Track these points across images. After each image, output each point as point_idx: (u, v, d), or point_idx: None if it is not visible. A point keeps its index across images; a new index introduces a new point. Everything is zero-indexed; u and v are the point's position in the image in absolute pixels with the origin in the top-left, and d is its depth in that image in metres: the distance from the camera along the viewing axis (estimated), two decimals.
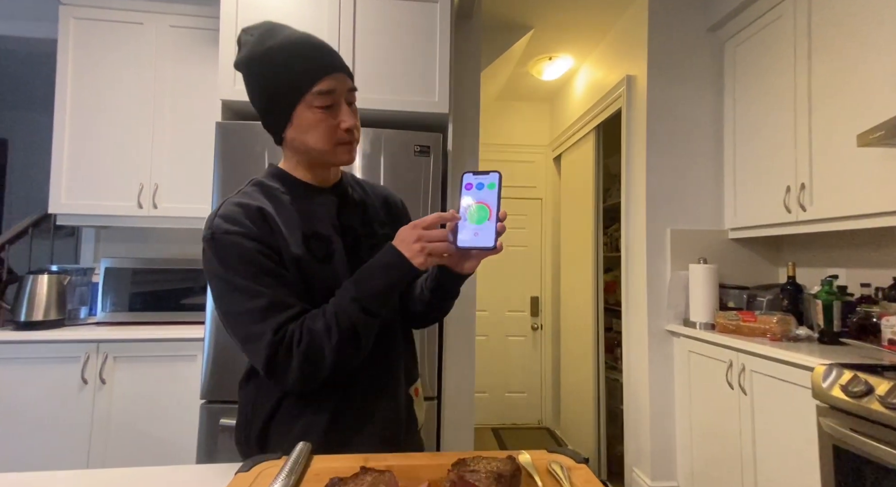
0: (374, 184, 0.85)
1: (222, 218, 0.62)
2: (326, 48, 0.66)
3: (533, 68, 2.79)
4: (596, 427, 2.52)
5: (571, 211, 2.99)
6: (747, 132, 1.84)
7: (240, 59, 0.66)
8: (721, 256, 1.94)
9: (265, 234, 0.62)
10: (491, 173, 0.64)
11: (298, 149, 0.68)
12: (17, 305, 1.49)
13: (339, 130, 0.66)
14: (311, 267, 0.64)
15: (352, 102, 0.68)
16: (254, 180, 0.70)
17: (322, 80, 0.63)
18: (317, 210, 0.69)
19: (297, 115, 0.65)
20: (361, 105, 1.54)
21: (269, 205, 0.65)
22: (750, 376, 1.46)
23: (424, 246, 0.60)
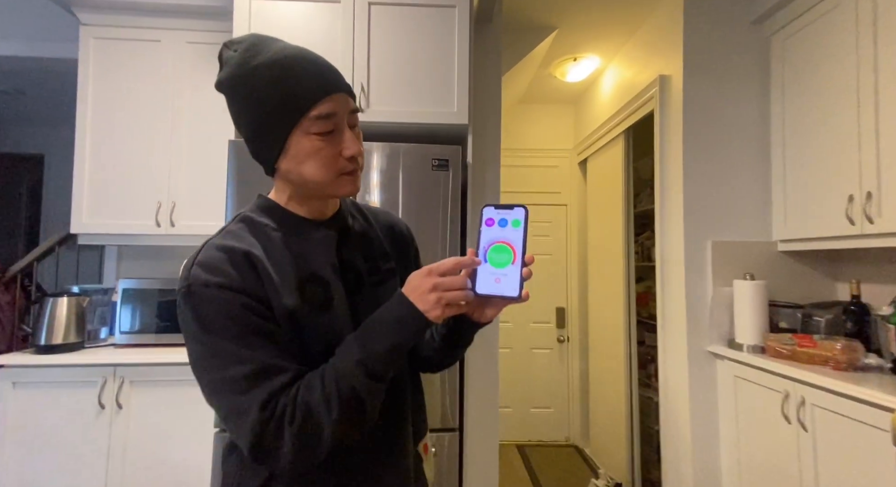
0: (377, 209, 0.76)
1: (202, 266, 0.53)
2: (324, 64, 0.58)
3: (556, 70, 2.67)
4: (629, 448, 2.36)
5: (599, 217, 2.84)
6: (799, 133, 1.67)
7: (222, 80, 0.58)
8: (769, 271, 1.76)
9: (253, 284, 0.54)
10: (516, 208, 0.55)
11: (293, 180, 0.59)
12: (38, 328, 1.49)
13: (342, 159, 0.58)
14: (307, 317, 0.56)
15: (354, 125, 0.60)
16: (241, 215, 0.62)
17: (320, 103, 0.55)
18: (313, 249, 0.61)
19: (292, 144, 0.56)
20: (377, 118, 1.46)
21: (258, 247, 0.57)
22: (811, 411, 1.30)
23: (441, 296, 0.51)
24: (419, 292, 0.52)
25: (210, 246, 0.56)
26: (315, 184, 0.58)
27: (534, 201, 3.21)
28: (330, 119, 0.56)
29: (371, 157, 1.42)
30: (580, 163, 3.13)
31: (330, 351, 0.56)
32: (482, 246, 0.55)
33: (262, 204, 0.63)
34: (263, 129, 0.56)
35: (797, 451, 1.34)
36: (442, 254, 1.40)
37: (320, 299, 0.58)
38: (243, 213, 0.62)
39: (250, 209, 0.63)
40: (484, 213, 0.56)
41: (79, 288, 1.67)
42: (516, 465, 2.78)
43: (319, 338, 0.56)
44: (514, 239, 0.54)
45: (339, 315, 0.59)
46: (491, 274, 0.54)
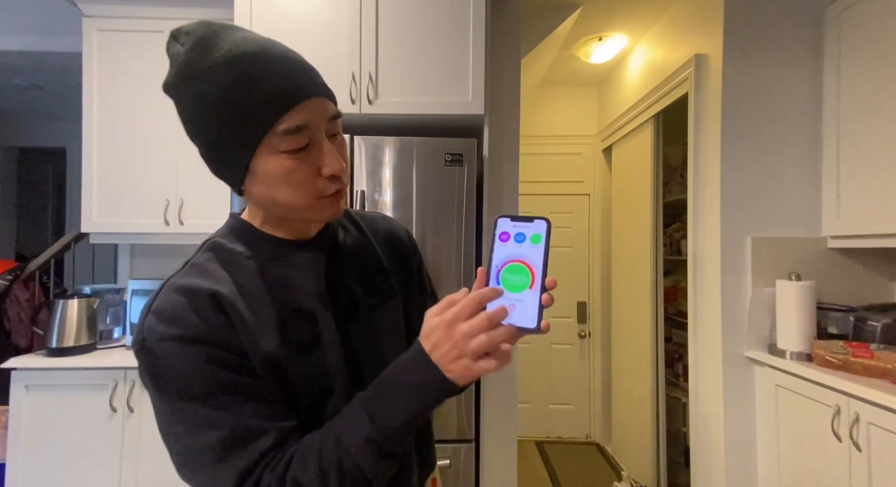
0: (372, 216, 0.66)
1: (158, 316, 0.44)
2: (294, 62, 0.47)
3: (580, 51, 2.49)
4: (655, 450, 2.26)
5: (624, 208, 2.69)
6: (858, 118, 1.49)
7: (167, 83, 0.47)
8: (817, 270, 1.61)
9: (221, 332, 0.45)
10: (536, 221, 0.45)
11: (265, 205, 0.50)
12: (49, 331, 1.48)
13: (320, 179, 0.48)
14: (292, 361, 0.47)
15: (335, 134, 0.49)
16: (209, 241, 0.53)
17: (289, 114, 0.44)
18: (296, 276, 0.51)
19: (258, 165, 0.46)
20: (386, 110, 1.36)
21: (227, 283, 0.48)
22: (867, 429, 1.17)
23: (463, 350, 0.41)
24: (442, 347, 0.41)
25: (169, 289, 0.46)
26: (291, 210, 0.49)
27: (554, 191, 3.06)
28: (302, 132, 0.45)
29: (382, 153, 1.33)
30: (604, 151, 2.96)
31: (321, 397, 0.48)
32: (495, 265, 0.45)
33: (234, 226, 0.54)
34: (220, 148, 0.46)
35: (848, 473, 1.22)
36: (457, 259, 1.31)
37: (306, 338, 0.49)
38: (212, 239, 0.53)
39: (221, 233, 0.54)
40: (498, 226, 0.47)
41: (90, 289, 1.65)
42: (535, 462, 2.72)
43: (308, 384, 0.48)
44: (533, 258, 0.45)
45: (329, 353, 0.50)
46: (504, 299, 0.44)
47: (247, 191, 0.49)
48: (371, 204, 1.32)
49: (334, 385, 0.49)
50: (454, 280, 1.31)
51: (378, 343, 0.54)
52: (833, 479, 1.27)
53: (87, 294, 1.58)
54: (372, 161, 1.32)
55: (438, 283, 1.30)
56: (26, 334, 1.96)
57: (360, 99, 1.35)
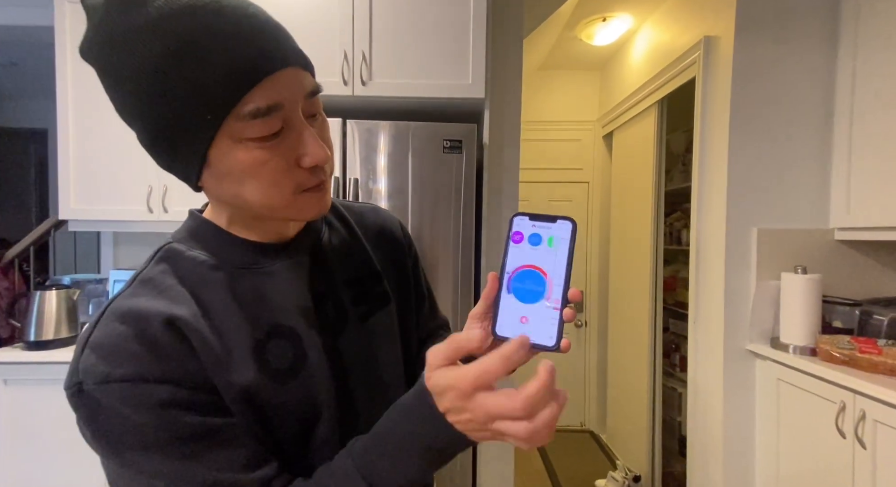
0: (361, 208, 0.57)
1: (98, 351, 0.35)
2: (260, 20, 0.36)
3: (582, 32, 2.40)
4: (650, 439, 2.26)
5: (624, 196, 2.63)
6: (873, 106, 1.43)
7: (85, 45, 0.36)
8: (822, 262, 1.57)
9: (182, 366, 0.36)
10: (559, 221, 0.38)
11: (229, 203, 0.41)
12: (26, 324, 1.41)
13: (300, 171, 0.38)
14: (272, 391, 0.40)
15: (315, 114, 0.40)
16: (164, 248, 0.43)
17: (255, 90, 0.35)
18: (273, 287, 0.43)
19: (218, 156, 0.37)
20: (380, 93, 1.28)
21: (188, 302, 0.39)
22: (873, 427, 1.15)
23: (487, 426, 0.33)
24: (463, 420, 0.34)
25: (111, 315, 0.37)
26: (263, 209, 0.40)
27: (552, 178, 3.00)
28: (274, 114, 0.36)
29: (376, 138, 1.25)
30: (605, 137, 2.89)
31: (307, 426, 0.41)
32: (507, 271, 0.38)
33: (194, 227, 0.44)
34: (165, 135, 0.36)
35: (852, 470, 1.21)
36: (455, 252, 1.25)
37: (288, 362, 0.41)
38: (168, 245, 0.43)
39: (178, 236, 0.44)
40: (513, 225, 0.39)
41: (71, 279, 1.58)
42: (531, 453, 2.72)
43: (291, 414, 0.41)
44: (552, 264, 0.37)
45: (316, 376, 0.42)
46: (515, 310, 0.38)
47: (206, 187, 0.40)
48: (365, 193, 1.25)
49: (321, 411, 0.42)
50: (452, 275, 1.25)
51: (370, 357, 0.48)
52: (834, 475, 1.26)
53: (66, 284, 1.50)
54: (366, 147, 1.25)
55: (436, 278, 1.24)
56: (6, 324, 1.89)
57: (353, 80, 1.27)
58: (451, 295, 1.25)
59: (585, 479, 2.37)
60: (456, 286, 1.25)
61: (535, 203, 3.02)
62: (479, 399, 0.33)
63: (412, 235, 1.28)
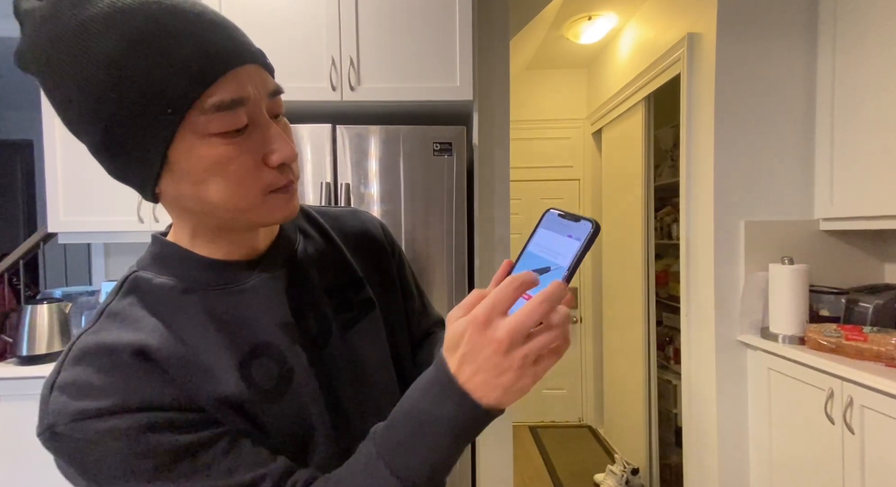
0: (337, 212, 0.55)
1: (66, 391, 0.33)
2: (219, 18, 0.35)
3: (569, 31, 2.42)
4: (647, 432, 2.29)
5: (615, 193, 2.66)
6: (853, 98, 1.46)
7: (24, 49, 0.33)
8: (809, 252, 1.60)
9: (160, 391, 0.35)
10: (581, 221, 0.39)
11: (192, 209, 0.38)
12: (18, 338, 1.40)
13: (267, 170, 0.37)
14: (259, 407, 0.38)
15: (278, 114, 0.39)
16: (129, 279, 0.40)
17: (220, 82, 0.33)
18: (250, 305, 0.41)
19: (179, 154, 0.35)
20: (369, 97, 1.28)
21: (159, 331, 0.37)
22: (860, 412, 1.18)
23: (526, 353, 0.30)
24: (478, 367, 0.31)
25: (75, 356, 0.35)
26: (229, 213, 0.37)
27: (543, 176, 3.02)
28: (239, 108, 0.34)
29: (366, 143, 1.26)
30: (594, 134, 2.92)
31: (301, 443, 0.40)
32: (528, 249, 0.40)
33: (158, 253, 0.42)
34: (119, 136, 0.33)
35: (841, 454, 1.24)
36: (448, 253, 1.26)
37: (273, 381, 0.39)
38: (133, 274, 0.40)
39: (143, 263, 0.42)
40: (544, 218, 0.41)
41: (62, 292, 1.57)
42: (529, 447, 2.74)
43: (283, 433, 0.39)
44: (560, 260, 0.38)
45: (304, 393, 0.41)
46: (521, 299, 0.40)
47: (164, 194, 0.37)
48: (357, 197, 1.26)
49: (314, 424, 0.41)
50: (445, 276, 1.26)
51: (358, 364, 0.47)
52: (825, 460, 1.29)
53: (58, 298, 1.49)
54: (356, 151, 1.26)
55: (429, 280, 1.25)
56: None
57: (342, 85, 1.27)
58: (445, 296, 1.26)
59: (584, 473, 2.40)
60: (450, 288, 1.26)
61: (527, 201, 3.04)
62: (495, 324, 0.31)
63: (405, 238, 1.30)
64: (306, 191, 1.26)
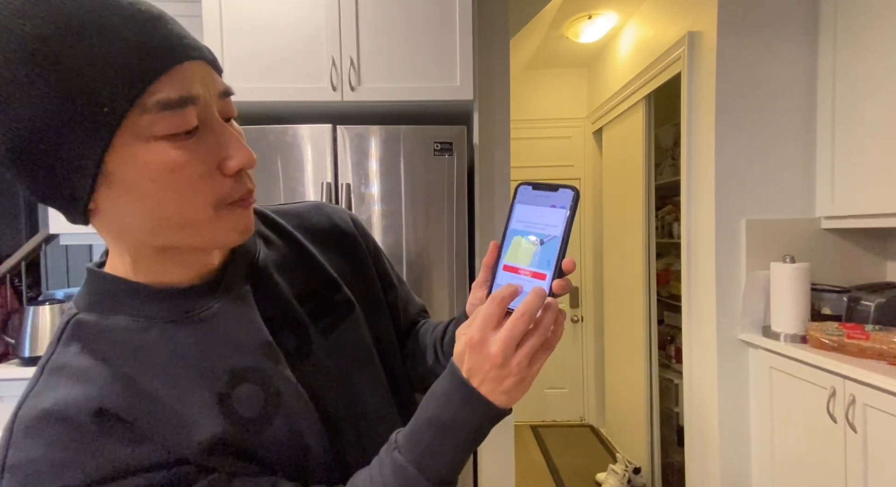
0: (299, 209, 0.50)
1: (19, 473, 0.29)
2: (158, 11, 0.31)
3: (569, 30, 2.42)
4: (648, 431, 2.29)
5: (615, 191, 2.66)
6: (855, 95, 1.46)
7: None
8: (810, 251, 1.60)
9: (128, 454, 0.30)
10: (561, 190, 0.38)
11: (132, 227, 0.33)
12: (20, 340, 1.41)
13: (223, 179, 0.33)
14: (248, 441, 0.35)
15: (230, 117, 0.35)
16: (69, 325, 0.35)
17: (164, 78, 0.30)
18: (219, 331, 0.36)
19: (119, 162, 0.30)
20: (370, 98, 1.28)
21: (113, 383, 0.32)
22: (863, 411, 1.18)
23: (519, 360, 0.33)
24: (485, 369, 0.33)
25: (22, 426, 0.30)
26: (178, 230, 0.33)
27: (544, 176, 3.02)
28: (188, 108, 0.30)
29: (367, 143, 1.26)
30: (594, 133, 2.92)
31: (298, 458, 0.38)
32: (507, 238, 0.40)
33: (98, 289, 0.36)
34: (42, 143, 0.28)
35: (843, 453, 1.23)
36: (449, 253, 1.26)
37: (259, 407, 0.36)
38: (74, 318, 0.35)
39: (81, 303, 0.36)
40: (517, 194, 0.40)
41: (64, 293, 1.57)
42: (530, 446, 2.74)
43: (275, 454, 0.37)
44: (550, 231, 0.38)
45: (293, 410, 0.38)
46: (511, 276, 0.39)
47: (100, 211, 0.32)
48: (357, 197, 1.26)
49: (309, 442, 0.39)
50: (446, 276, 1.26)
51: (344, 372, 0.44)
52: (827, 459, 1.29)
53: (60, 299, 1.50)
54: (357, 152, 1.26)
55: (430, 280, 1.25)
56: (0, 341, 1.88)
57: (342, 85, 1.27)
58: (446, 296, 1.26)
59: (586, 473, 2.40)
60: (451, 287, 1.26)
61: None
62: (489, 341, 0.33)
63: (406, 238, 1.30)
64: (307, 192, 1.26)
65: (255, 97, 1.27)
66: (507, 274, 0.39)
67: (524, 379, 0.34)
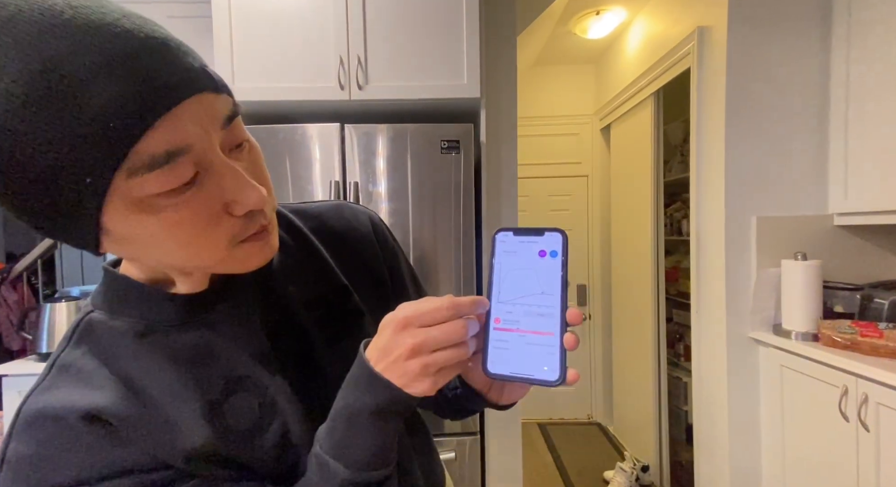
0: (319, 209, 0.49)
1: (14, 469, 0.30)
2: (144, 37, 0.27)
3: (576, 26, 2.40)
4: (657, 429, 2.28)
5: (623, 188, 2.64)
6: (868, 89, 1.44)
7: None
8: (822, 248, 1.58)
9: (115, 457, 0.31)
10: (547, 233, 0.34)
11: (147, 264, 0.35)
12: (37, 336, 1.44)
13: (232, 220, 0.31)
14: (233, 450, 0.35)
15: (240, 143, 0.32)
16: (82, 324, 0.36)
17: (150, 134, 0.26)
18: (220, 337, 0.37)
19: (115, 221, 0.29)
20: (377, 96, 1.29)
21: (112, 387, 0.33)
22: (876, 410, 1.16)
23: (427, 362, 0.31)
24: (393, 357, 0.32)
25: (23, 422, 0.31)
26: (190, 270, 0.34)
27: (551, 173, 3.01)
28: (180, 159, 0.28)
29: (374, 142, 1.27)
30: (602, 130, 2.90)
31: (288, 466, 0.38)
32: (494, 297, 0.35)
33: (111, 289, 0.37)
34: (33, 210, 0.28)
35: (855, 452, 1.22)
36: (456, 252, 1.27)
37: (254, 417, 0.36)
38: (88, 316, 0.36)
39: (97, 300, 0.37)
40: (496, 244, 0.35)
41: (80, 291, 1.61)
42: (538, 444, 2.75)
43: (265, 463, 0.37)
44: (544, 285, 0.34)
45: (287, 421, 0.37)
46: (507, 342, 0.34)
47: (112, 251, 0.33)
48: (365, 196, 1.27)
49: (300, 450, 0.38)
50: (453, 275, 1.27)
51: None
52: (839, 458, 1.27)
53: (75, 296, 1.53)
54: (364, 150, 1.26)
55: (436, 278, 1.26)
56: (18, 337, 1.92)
57: (350, 84, 1.28)
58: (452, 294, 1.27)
59: (594, 471, 2.39)
60: (457, 285, 1.27)
61: (535, 198, 3.03)
62: (410, 331, 0.32)
63: (413, 236, 1.30)
64: (315, 191, 1.27)
65: (263, 96, 1.28)
66: (503, 341, 0.34)
67: (424, 382, 0.32)
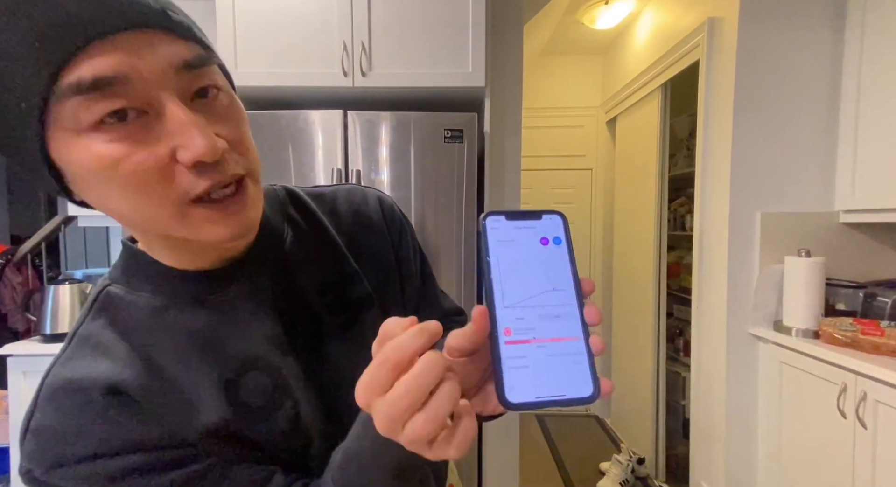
0: (333, 192, 0.48)
1: (41, 436, 0.31)
2: None
3: (584, 16, 2.36)
4: (654, 423, 2.30)
5: (627, 182, 2.62)
6: (880, 86, 1.41)
7: None
8: (827, 245, 1.57)
9: (134, 431, 0.32)
10: (545, 217, 0.28)
11: (115, 217, 0.33)
12: (42, 317, 1.45)
13: (182, 172, 0.29)
14: (251, 428, 0.35)
15: (206, 87, 0.30)
16: (101, 296, 0.36)
17: (82, 57, 0.25)
18: (232, 319, 0.37)
19: (59, 157, 0.28)
20: (381, 83, 1.27)
21: (131, 361, 0.33)
22: (874, 407, 1.16)
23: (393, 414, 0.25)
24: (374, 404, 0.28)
25: (48, 393, 0.32)
26: (147, 227, 0.32)
27: (555, 166, 2.99)
28: (111, 89, 0.26)
29: (377, 129, 1.26)
30: (608, 123, 2.87)
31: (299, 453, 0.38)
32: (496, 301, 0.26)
33: (128, 262, 0.37)
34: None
35: (852, 449, 1.22)
36: (458, 241, 1.26)
37: (266, 397, 0.36)
38: (106, 289, 0.36)
39: (115, 274, 0.37)
40: (487, 232, 0.27)
41: (83, 274, 1.62)
42: (536, 436, 2.77)
43: (276, 445, 0.37)
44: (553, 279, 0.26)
45: (299, 404, 0.38)
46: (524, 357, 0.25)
47: (77, 196, 0.31)
48: (367, 183, 1.25)
49: (312, 435, 0.38)
50: (455, 264, 1.27)
51: (356, 368, 0.40)
52: (835, 455, 1.28)
53: (78, 279, 1.54)
54: (367, 138, 1.26)
55: (439, 268, 1.26)
56: (22, 318, 1.94)
57: (353, 71, 1.27)
58: (455, 284, 1.27)
59: (590, 463, 2.41)
60: (460, 275, 1.27)
61: (538, 191, 3.02)
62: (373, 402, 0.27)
63: (415, 226, 1.30)
64: (317, 178, 1.27)
65: (266, 82, 1.27)
66: (518, 358, 0.25)
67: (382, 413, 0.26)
